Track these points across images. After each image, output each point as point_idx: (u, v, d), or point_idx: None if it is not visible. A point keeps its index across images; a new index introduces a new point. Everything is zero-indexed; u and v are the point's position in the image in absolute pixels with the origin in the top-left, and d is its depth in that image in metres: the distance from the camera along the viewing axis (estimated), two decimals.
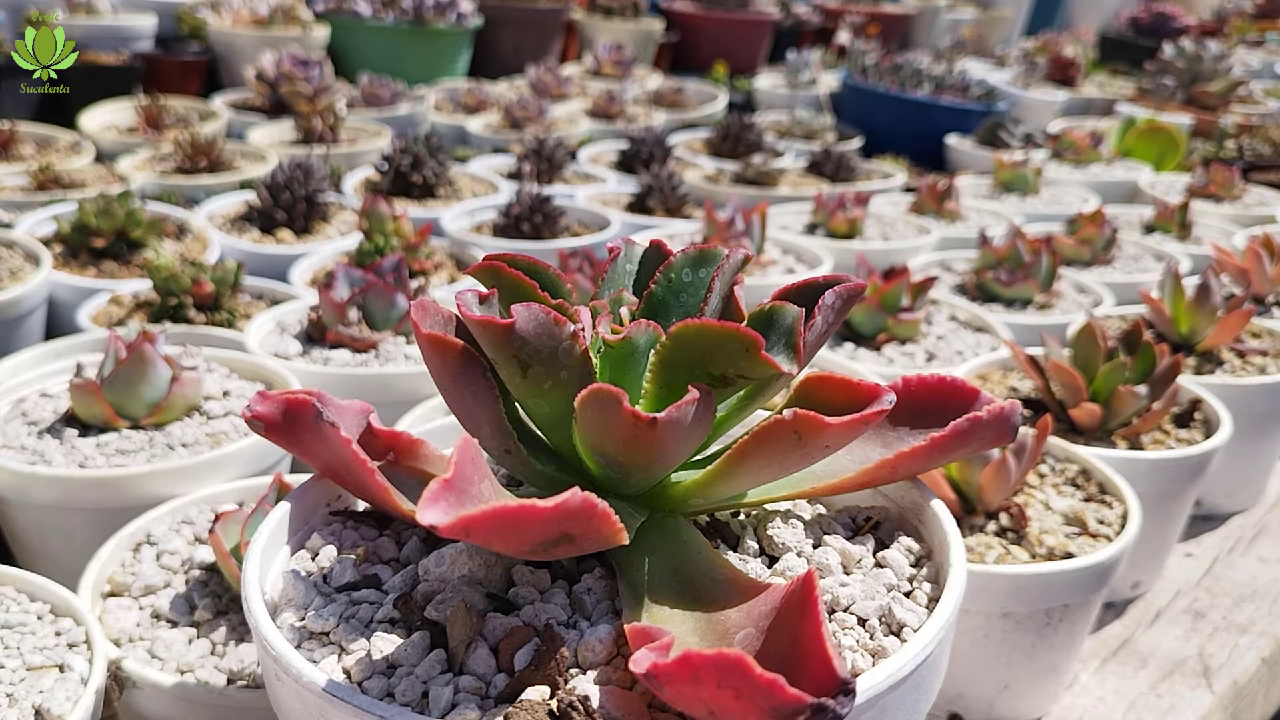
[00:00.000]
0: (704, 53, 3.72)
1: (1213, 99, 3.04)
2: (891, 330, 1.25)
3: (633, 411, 0.40)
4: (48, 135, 2.02)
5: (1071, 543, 0.82)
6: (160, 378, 0.93)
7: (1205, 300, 1.18)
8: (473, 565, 0.47)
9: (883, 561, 0.51)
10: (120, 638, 0.73)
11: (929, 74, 2.82)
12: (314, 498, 0.55)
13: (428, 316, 0.47)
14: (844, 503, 0.57)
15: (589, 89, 2.99)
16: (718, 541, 0.52)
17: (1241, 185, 2.18)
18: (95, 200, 1.41)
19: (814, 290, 0.47)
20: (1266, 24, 4.55)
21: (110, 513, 0.84)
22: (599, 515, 0.38)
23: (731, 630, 0.41)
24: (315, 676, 0.41)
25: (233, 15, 2.76)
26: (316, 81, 2.36)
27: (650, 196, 1.90)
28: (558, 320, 0.43)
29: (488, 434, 0.49)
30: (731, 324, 0.41)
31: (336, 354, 1.13)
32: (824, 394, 0.49)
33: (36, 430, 0.93)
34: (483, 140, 2.44)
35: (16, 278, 1.27)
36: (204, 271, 1.26)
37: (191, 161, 1.87)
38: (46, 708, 0.62)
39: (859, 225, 1.75)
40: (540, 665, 0.41)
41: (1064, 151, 2.48)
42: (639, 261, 0.55)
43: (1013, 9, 5.49)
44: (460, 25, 2.95)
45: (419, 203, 1.86)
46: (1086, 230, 1.65)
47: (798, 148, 2.55)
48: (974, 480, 0.82)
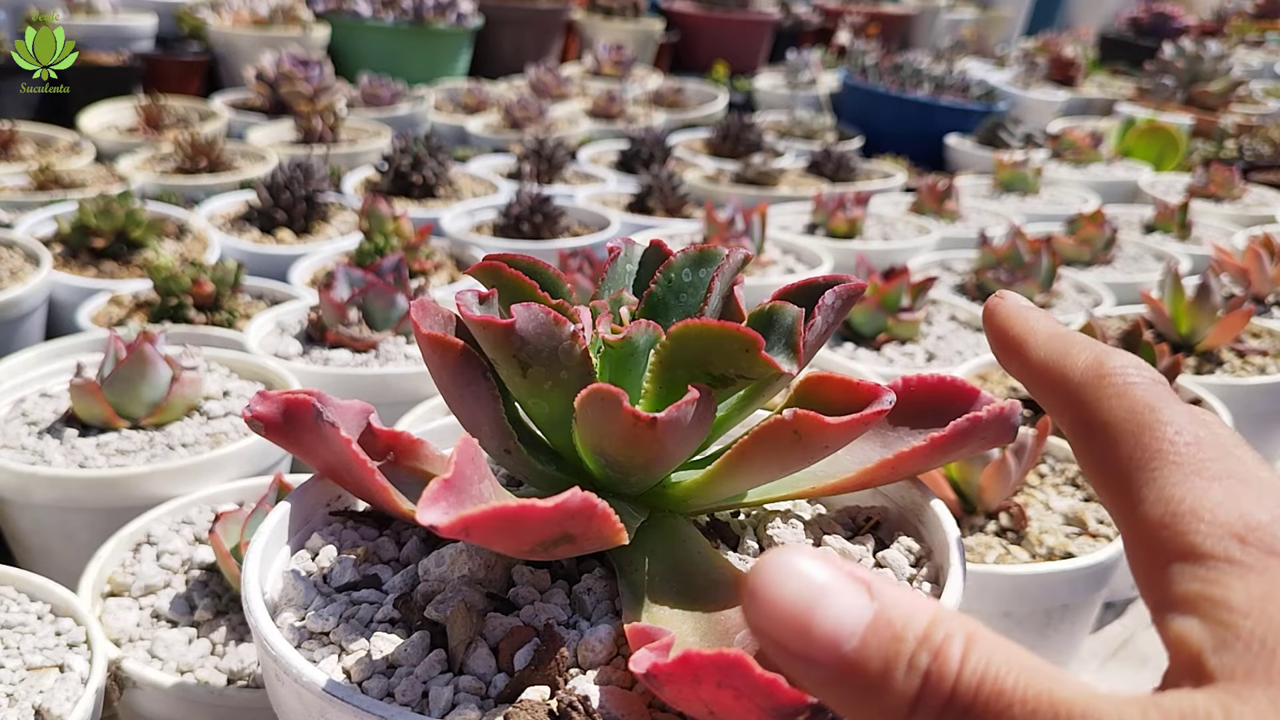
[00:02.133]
0: (704, 53, 3.72)
1: (1213, 99, 3.04)
2: (891, 330, 1.25)
3: (633, 411, 0.40)
4: (48, 135, 2.02)
5: (1071, 543, 0.82)
6: (160, 378, 0.93)
7: (1205, 300, 1.18)
8: (473, 565, 0.47)
9: (883, 561, 0.51)
10: (120, 638, 0.73)
11: (929, 74, 2.82)
12: (314, 498, 0.55)
13: (428, 316, 0.47)
14: (844, 503, 0.57)
15: (589, 89, 2.99)
16: (718, 541, 0.52)
17: (1241, 185, 2.18)
18: (95, 200, 1.41)
19: (814, 290, 0.47)
20: (1266, 24, 4.55)
21: (110, 513, 0.84)
22: (599, 515, 0.38)
23: (731, 630, 0.41)
24: (315, 676, 0.41)
25: (233, 15, 2.76)
26: (316, 81, 2.36)
27: (650, 196, 1.90)
28: (558, 320, 0.43)
29: (488, 434, 0.49)
30: (731, 324, 0.41)
31: (336, 354, 1.13)
32: (824, 394, 0.49)
33: (36, 430, 0.93)
34: (483, 140, 2.44)
35: (16, 278, 1.27)
36: (204, 271, 1.26)
37: (191, 161, 1.87)
38: (46, 708, 0.62)
39: (859, 225, 1.75)
40: (540, 665, 0.41)
41: (1064, 151, 2.48)
42: (639, 261, 0.55)
43: (1013, 9, 5.50)
44: (460, 25, 2.95)
45: (419, 203, 1.86)
46: (1086, 230, 1.65)
47: (798, 148, 2.55)
48: (974, 480, 0.82)
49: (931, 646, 0.24)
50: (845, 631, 0.24)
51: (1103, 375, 0.31)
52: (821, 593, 0.24)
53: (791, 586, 0.25)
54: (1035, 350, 0.34)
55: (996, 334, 0.37)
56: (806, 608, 0.24)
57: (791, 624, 0.24)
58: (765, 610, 0.25)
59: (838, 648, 0.24)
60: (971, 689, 0.23)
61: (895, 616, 0.24)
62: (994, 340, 0.37)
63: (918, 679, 0.23)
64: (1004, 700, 0.23)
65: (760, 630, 0.25)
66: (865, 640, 0.24)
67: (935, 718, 0.23)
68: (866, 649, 0.24)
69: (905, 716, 0.24)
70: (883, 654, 0.24)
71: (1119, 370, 0.31)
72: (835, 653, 0.24)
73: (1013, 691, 0.23)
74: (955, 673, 0.23)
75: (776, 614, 0.25)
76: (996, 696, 0.23)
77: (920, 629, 0.24)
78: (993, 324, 0.37)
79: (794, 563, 0.25)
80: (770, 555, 0.25)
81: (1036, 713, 0.22)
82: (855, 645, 0.24)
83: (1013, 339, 0.36)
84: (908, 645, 0.24)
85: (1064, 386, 0.33)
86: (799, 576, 0.25)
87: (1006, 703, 0.23)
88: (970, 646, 0.24)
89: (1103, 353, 0.32)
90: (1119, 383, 0.31)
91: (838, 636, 0.24)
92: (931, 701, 0.23)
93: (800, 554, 0.25)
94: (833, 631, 0.24)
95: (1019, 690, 0.23)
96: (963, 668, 0.23)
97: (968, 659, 0.23)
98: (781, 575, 0.25)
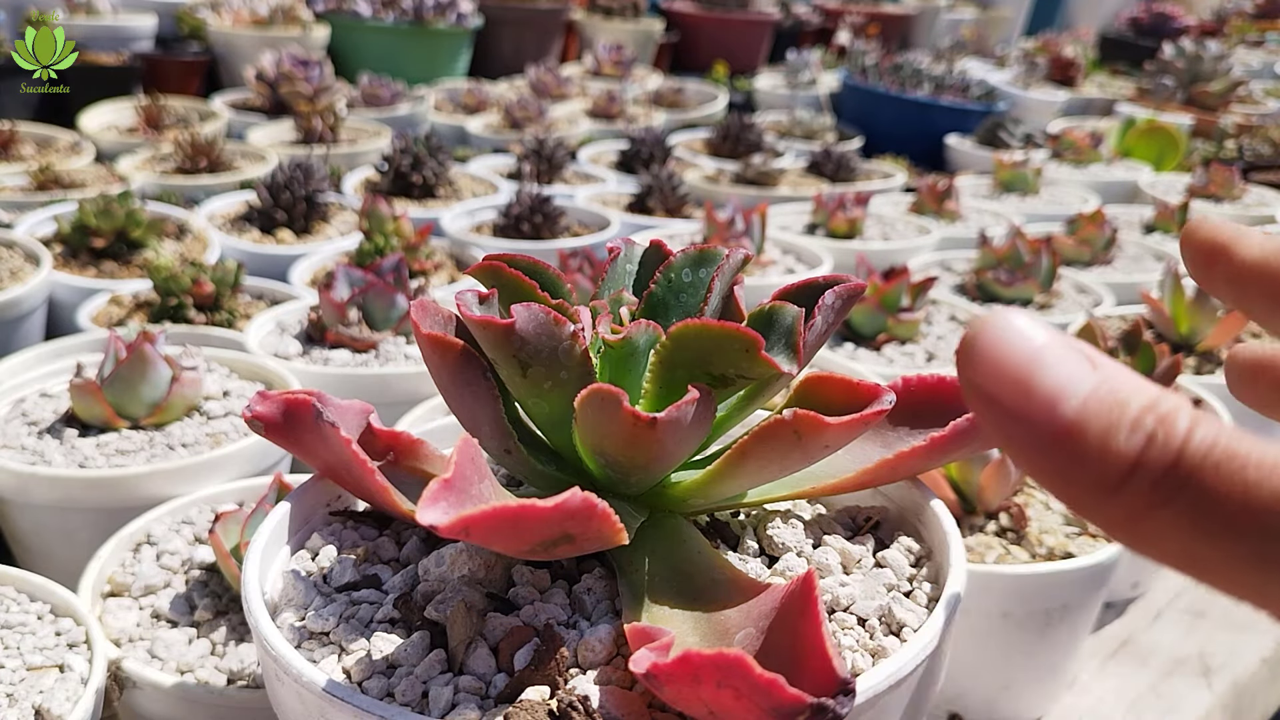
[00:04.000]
0: (704, 53, 3.72)
1: (1213, 99, 3.04)
2: (891, 330, 1.25)
3: (633, 411, 0.40)
4: (48, 135, 2.02)
5: (1071, 543, 0.82)
6: (160, 378, 0.93)
7: (1205, 300, 1.18)
8: (473, 565, 0.47)
9: (883, 561, 0.51)
10: (120, 638, 0.73)
11: (929, 74, 2.82)
12: (314, 498, 0.55)
13: (428, 316, 0.47)
14: (844, 503, 0.57)
15: (589, 89, 2.98)
16: (718, 541, 0.52)
17: (1241, 185, 2.18)
18: (95, 200, 1.41)
19: (814, 290, 0.47)
20: (1266, 24, 4.55)
21: (110, 513, 0.84)
22: (599, 515, 0.38)
23: (731, 630, 0.41)
24: (315, 676, 0.41)
25: (233, 15, 2.76)
26: (316, 81, 2.36)
27: (650, 196, 1.90)
28: (558, 320, 0.43)
29: (488, 434, 0.49)
30: (731, 324, 0.41)
31: (336, 354, 1.13)
32: (824, 394, 0.49)
33: (36, 430, 0.93)
34: (483, 140, 2.44)
35: (16, 278, 1.27)
36: (204, 271, 1.26)
37: (191, 161, 1.87)
38: (46, 708, 0.62)
39: (859, 225, 1.75)
40: (540, 665, 0.41)
41: (1064, 151, 2.48)
42: (639, 261, 0.55)
43: (1013, 9, 5.49)
44: (460, 25, 2.95)
45: (419, 203, 1.86)
46: (1086, 230, 1.65)
47: (798, 148, 2.55)
48: (974, 480, 0.82)
49: (1158, 411, 0.22)
50: (1068, 391, 0.23)
51: None
52: (1045, 351, 0.23)
53: (1015, 343, 0.24)
54: (1250, 250, 0.34)
55: (1202, 244, 0.36)
56: (1029, 364, 0.23)
57: (1012, 379, 0.23)
58: (985, 364, 0.24)
59: (1058, 406, 0.23)
60: (1201, 451, 0.22)
61: (1120, 384, 0.23)
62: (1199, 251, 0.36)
63: (1140, 439, 0.22)
64: (1238, 462, 0.21)
65: (976, 387, 0.24)
66: (1087, 402, 0.23)
67: (1153, 484, 0.22)
68: (1088, 410, 0.23)
69: (1120, 482, 0.22)
70: (1106, 416, 0.22)
71: None
72: (1055, 412, 0.23)
73: (1247, 455, 0.21)
74: (1183, 436, 0.22)
75: (997, 369, 0.24)
76: (1230, 458, 0.21)
77: (1147, 398, 0.23)
78: (1198, 237, 0.36)
79: (1014, 320, 0.24)
80: (989, 314, 0.24)
81: (1274, 475, 0.21)
82: (1076, 405, 0.23)
83: (1221, 244, 0.35)
84: (1131, 410, 0.22)
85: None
86: (1022, 335, 0.24)
87: (1240, 464, 0.21)
88: (1199, 419, 0.22)
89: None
90: None
91: (1061, 395, 0.23)
92: (1154, 465, 0.22)
93: (1020, 314, 0.24)
94: (1055, 390, 0.23)
95: (1255, 454, 0.21)
96: (1191, 432, 0.22)
97: (1197, 427, 0.22)
98: (1004, 331, 0.24)
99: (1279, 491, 0.21)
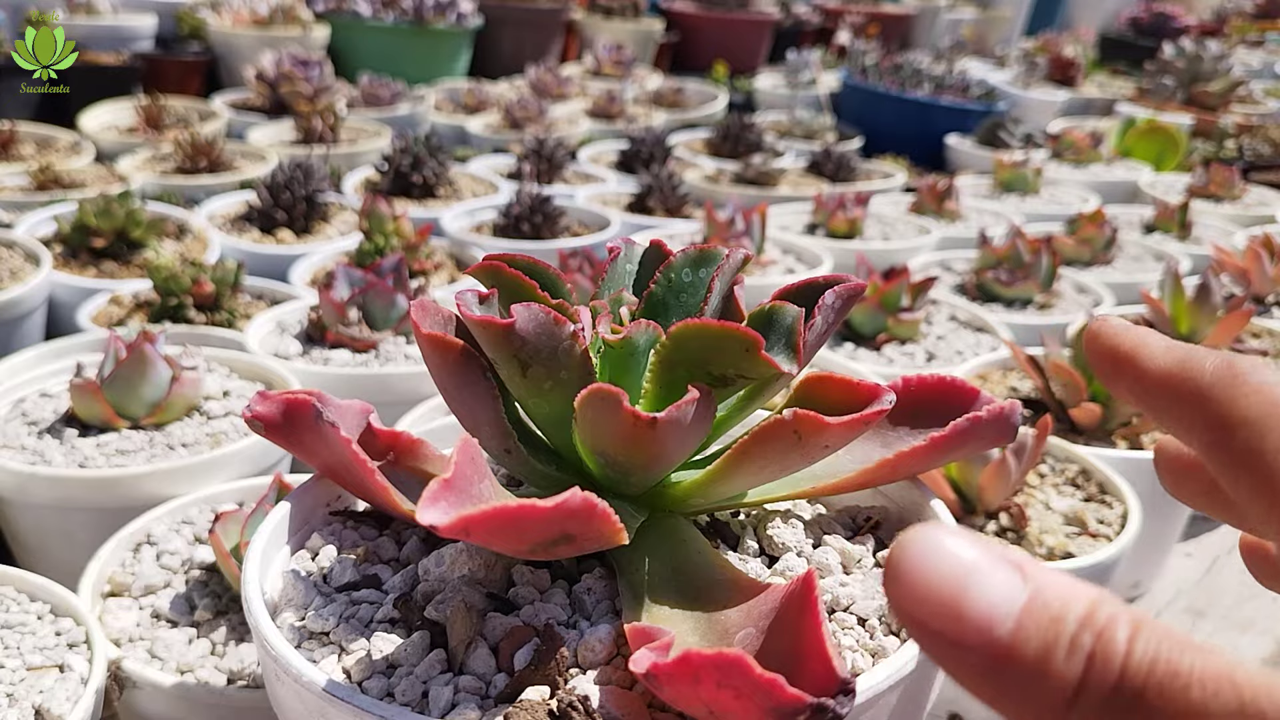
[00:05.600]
0: (704, 53, 3.72)
1: (1213, 99, 3.04)
2: (891, 330, 1.25)
3: (633, 411, 0.40)
4: (48, 135, 2.02)
5: (1071, 543, 0.82)
6: (160, 378, 0.93)
7: (1205, 300, 1.18)
8: (473, 565, 0.47)
9: (883, 561, 0.51)
10: (120, 638, 0.73)
11: (929, 74, 2.82)
12: (314, 498, 0.55)
13: (428, 316, 0.47)
14: (844, 503, 0.57)
15: (589, 89, 2.99)
16: (718, 541, 0.52)
17: (1241, 185, 2.18)
18: (95, 200, 1.41)
19: (814, 290, 0.47)
20: (1266, 24, 4.55)
21: (110, 513, 0.84)
22: (599, 515, 0.38)
23: (731, 630, 0.41)
24: (315, 676, 0.41)
25: (233, 15, 2.76)
26: (316, 81, 2.36)
27: (650, 196, 1.90)
28: (558, 320, 0.43)
29: (488, 434, 0.49)
30: (731, 324, 0.41)
31: (336, 354, 1.13)
32: (824, 394, 0.48)
33: (36, 430, 0.93)
34: (483, 140, 2.44)
35: (16, 278, 1.27)
36: (204, 271, 1.26)
37: (191, 161, 1.87)
38: (46, 708, 0.62)
39: (859, 225, 1.75)
40: (540, 665, 0.41)
41: (1064, 151, 2.48)
42: (639, 261, 0.55)
43: (1013, 9, 5.50)
44: (460, 25, 2.95)
45: (419, 203, 1.86)
46: (1086, 230, 1.65)
47: (798, 148, 2.55)
48: (974, 480, 0.82)
49: (1095, 628, 0.21)
50: (1000, 613, 0.22)
51: (1236, 375, 0.31)
52: (973, 572, 0.22)
53: (940, 566, 0.23)
54: (1153, 360, 0.33)
55: (1105, 352, 0.35)
56: (957, 589, 0.22)
57: (941, 606, 0.22)
58: (911, 591, 0.23)
59: (991, 631, 0.22)
60: (1143, 670, 0.21)
61: (1052, 598, 0.22)
62: (1102, 359, 0.35)
63: (1080, 661, 0.21)
64: (1180, 681, 0.20)
65: (905, 613, 0.23)
66: (1021, 623, 0.22)
67: (1101, 706, 0.21)
68: (1023, 631, 0.22)
69: (1067, 706, 0.21)
70: (1041, 637, 0.22)
71: (1251, 369, 0.31)
72: (989, 636, 0.22)
73: (1189, 672, 0.20)
74: (1123, 653, 0.21)
75: (924, 595, 0.23)
76: (1172, 677, 0.20)
77: (1081, 611, 0.22)
78: (1100, 343, 0.35)
79: (940, 540, 0.23)
80: (913, 532, 0.23)
81: (1219, 694, 0.20)
82: (1011, 628, 0.22)
83: (1125, 354, 0.34)
84: (1068, 627, 0.21)
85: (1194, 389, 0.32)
86: (947, 555, 0.23)
87: (1184, 684, 0.20)
88: (1137, 630, 0.21)
89: (1228, 354, 0.32)
90: (1255, 381, 0.30)
91: (992, 619, 0.22)
92: (1097, 686, 0.21)
93: (945, 531, 0.23)
94: (986, 613, 0.22)
95: (1196, 670, 0.20)
96: (1131, 648, 0.21)
97: (1136, 640, 0.21)
98: (928, 553, 0.23)
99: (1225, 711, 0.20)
